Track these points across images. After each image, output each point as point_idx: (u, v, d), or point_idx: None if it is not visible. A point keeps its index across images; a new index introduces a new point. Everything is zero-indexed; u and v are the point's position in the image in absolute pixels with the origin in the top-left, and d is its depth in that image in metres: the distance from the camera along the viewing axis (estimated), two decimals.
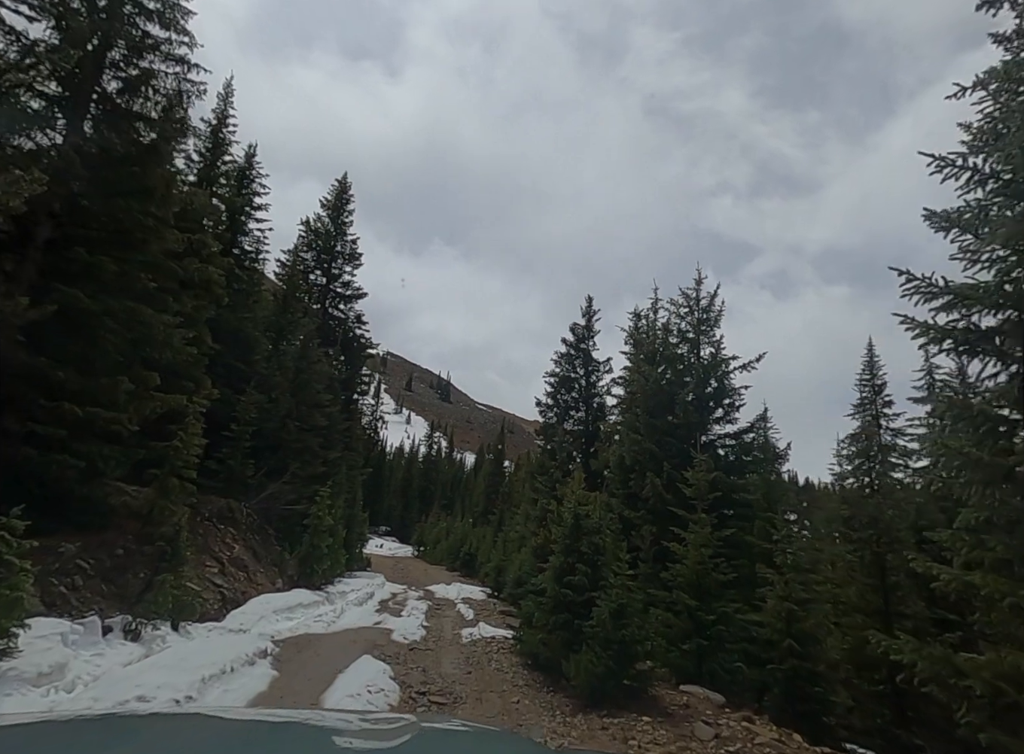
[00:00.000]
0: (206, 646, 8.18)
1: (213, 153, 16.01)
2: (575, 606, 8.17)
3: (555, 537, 8.97)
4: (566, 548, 8.53)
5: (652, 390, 16.68)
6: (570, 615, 8.12)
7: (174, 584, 8.94)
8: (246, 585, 12.82)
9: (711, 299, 16.96)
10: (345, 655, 9.39)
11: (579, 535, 8.50)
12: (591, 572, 8.19)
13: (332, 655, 9.32)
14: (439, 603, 21.09)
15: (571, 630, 8.00)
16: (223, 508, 14.28)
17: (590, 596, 7.99)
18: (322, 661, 8.81)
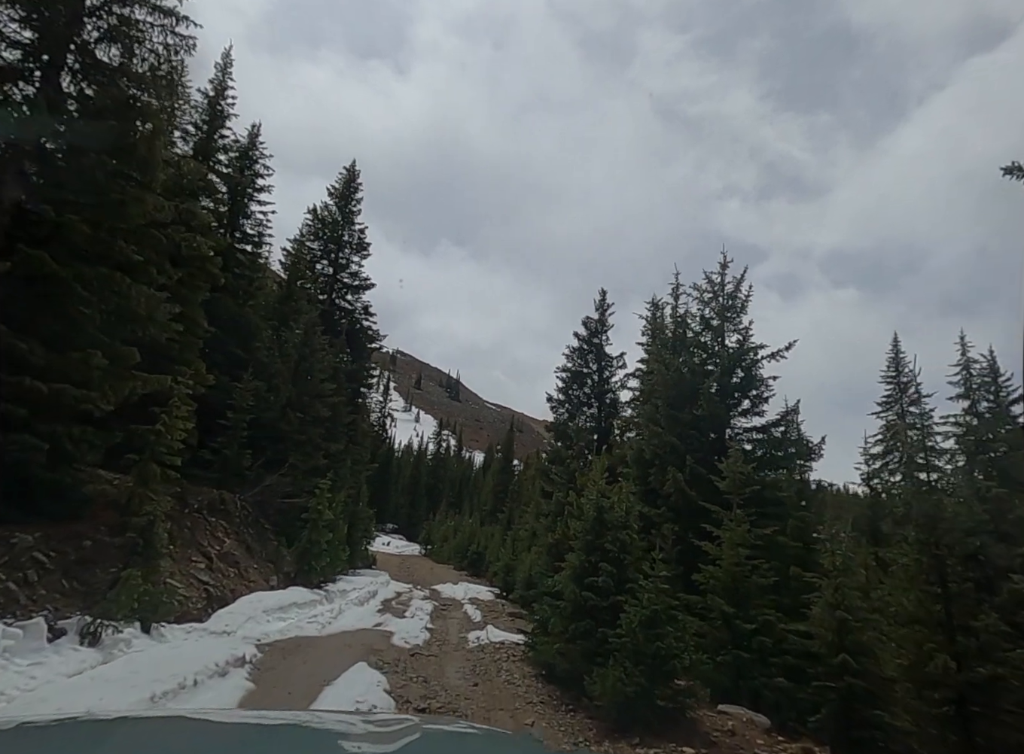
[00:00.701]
0: (176, 652, 7.14)
1: (210, 125, 15.05)
2: (598, 611, 7.07)
3: (574, 533, 7.87)
4: (587, 545, 7.42)
5: (673, 380, 15.52)
6: (592, 622, 7.02)
7: (148, 580, 7.91)
8: (236, 582, 11.80)
9: (737, 284, 15.78)
10: (337, 662, 8.32)
11: (602, 530, 7.40)
12: (616, 572, 7.09)
13: (322, 662, 8.25)
14: (445, 603, 20.03)
15: (594, 639, 6.90)
16: (214, 500, 13.27)
17: (615, 600, 6.89)
18: (309, 670, 7.74)
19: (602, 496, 7.59)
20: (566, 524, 8.13)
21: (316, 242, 29.25)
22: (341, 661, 8.45)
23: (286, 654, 8.61)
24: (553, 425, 31.96)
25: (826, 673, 7.50)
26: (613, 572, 7.08)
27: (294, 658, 8.40)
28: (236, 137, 19.55)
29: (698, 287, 16.34)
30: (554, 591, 8.63)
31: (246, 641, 8.65)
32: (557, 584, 7.81)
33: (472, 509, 53.20)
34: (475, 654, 10.82)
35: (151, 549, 8.06)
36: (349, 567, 22.47)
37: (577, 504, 8.10)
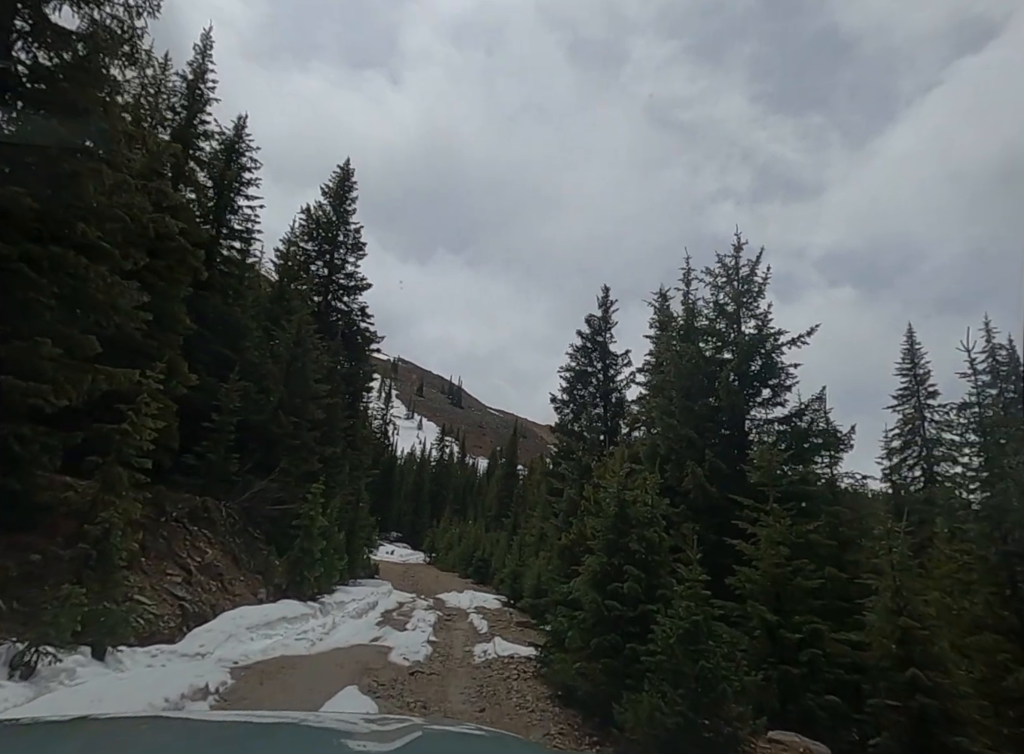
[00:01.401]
0: (126, 683, 6.05)
1: (189, 110, 14.07)
2: (625, 623, 5.96)
3: (591, 531, 6.78)
4: (608, 545, 6.32)
5: (688, 369, 14.43)
6: (619, 636, 5.90)
7: (103, 598, 6.83)
8: (219, 596, 10.71)
9: (752, 267, 14.71)
10: (322, 687, 7.21)
11: (625, 528, 6.31)
12: (644, 577, 6.00)
13: (304, 688, 7.14)
14: (449, 613, 18.90)
15: (622, 657, 5.79)
16: (197, 507, 12.19)
17: (645, 609, 5.81)
18: (287, 698, 6.63)
19: (623, 489, 6.51)
20: (582, 522, 7.06)
21: (310, 242, 28.24)
22: (328, 685, 7.34)
23: (264, 678, 7.50)
24: (558, 426, 30.95)
25: (889, 690, 6.39)
26: (640, 576, 5.98)
27: (272, 684, 7.28)
28: (222, 129, 18.66)
29: (711, 272, 15.27)
30: (569, 599, 7.53)
31: (220, 664, 7.57)
32: (573, 591, 6.71)
33: (476, 515, 52.02)
34: (482, 671, 9.71)
35: (107, 562, 6.99)
36: (349, 577, 21.36)
37: (594, 499, 7.00)
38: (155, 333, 13.06)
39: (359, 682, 7.72)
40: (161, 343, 13.07)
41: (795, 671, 6.48)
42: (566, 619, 6.85)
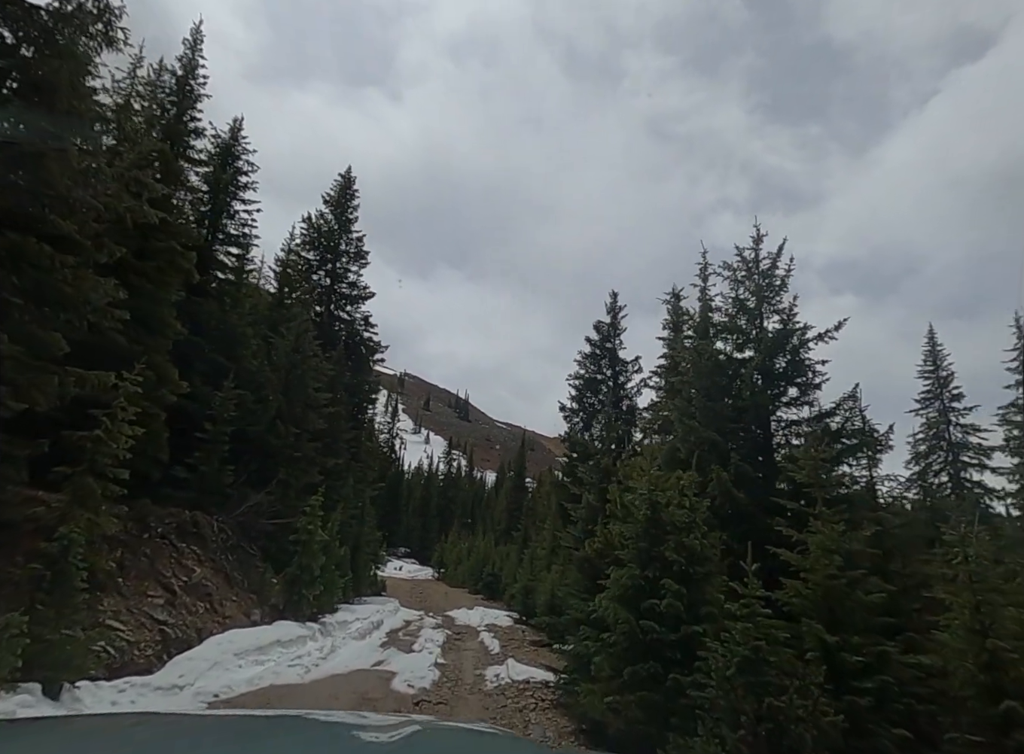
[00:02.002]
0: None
1: (179, 106, 13.38)
2: (664, 648, 5.00)
3: (619, 540, 5.82)
4: (640, 555, 5.35)
5: (707, 368, 13.48)
6: (658, 664, 4.94)
7: (58, 625, 5.92)
8: (207, 619, 9.78)
9: (774, 260, 13.80)
10: None
11: (660, 534, 5.36)
12: (685, 592, 5.05)
13: None
14: (459, 631, 17.86)
15: (663, 689, 4.80)
16: (185, 522, 11.30)
17: (689, 631, 4.85)
18: None
19: (655, 489, 5.58)
20: (606, 530, 6.13)
21: (312, 252, 27.54)
22: None
23: None
24: (568, 435, 29.97)
25: (974, 724, 5.39)
26: (681, 592, 5.02)
27: None
28: (217, 132, 18.03)
29: (729, 266, 14.38)
30: (593, 618, 6.58)
31: (198, 699, 6.65)
32: (598, 608, 5.75)
33: (485, 529, 50.85)
34: (495, 699, 8.72)
35: (65, 584, 6.08)
36: (354, 595, 20.37)
37: (620, 502, 6.07)
38: (142, 338, 12.29)
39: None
40: (148, 348, 12.26)
41: (861, 702, 5.49)
42: (591, 642, 5.89)
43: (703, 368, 13.46)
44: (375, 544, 28.89)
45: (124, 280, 12.17)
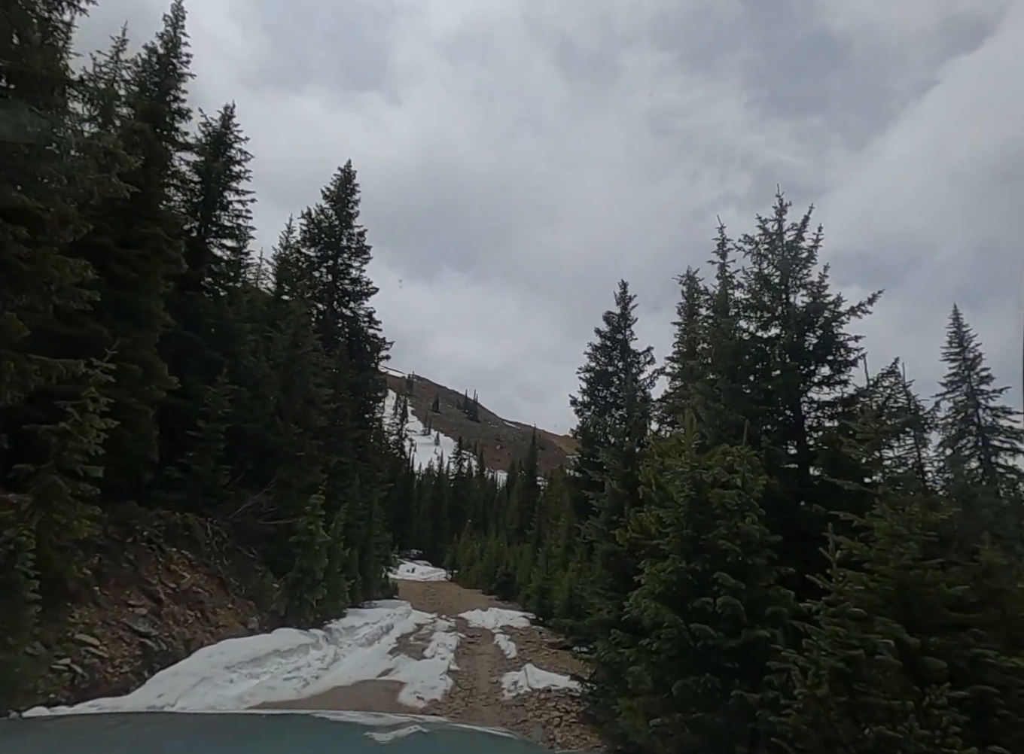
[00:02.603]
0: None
1: (160, 86, 12.58)
2: (721, 657, 4.05)
3: (655, 527, 4.87)
4: (684, 544, 4.41)
5: (731, 348, 12.54)
6: (715, 677, 4.00)
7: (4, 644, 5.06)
8: (197, 629, 8.92)
9: (799, 231, 12.82)
10: None
11: (706, 520, 4.43)
12: (744, 588, 4.12)
13: None
14: (473, 634, 16.97)
15: (724, 710, 3.86)
16: (175, 525, 10.46)
17: (753, 636, 3.91)
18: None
19: (698, 467, 4.64)
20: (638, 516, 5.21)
21: (313, 248, 26.74)
22: None
23: None
24: (580, 429, 29.02)
25: None
26: (739, 588, 4.07)
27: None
28: (208, 120, 17.27)
29: (751, 239, 13.41)
30: (624, 620, 5.67)
31: None
32: (633, 609, 4.80)
33: (498, 529, 49.93)
34: (513, 711, 7.81)
35: (11, 596, 5.23)
36: (363, 599, 19.52)
37: (657, 483, 5.13)
38: (128, 330, 11.48)
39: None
40: (135, 341, 11.45)
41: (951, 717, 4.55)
42: (626, 648, 4.94)
43: (726, 348, 12.49)
44: (385, 546, 28.04)
45: (106, 269, 11.45)
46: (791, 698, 3.32)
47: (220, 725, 1.61)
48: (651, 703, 4.28)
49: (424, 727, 1.84)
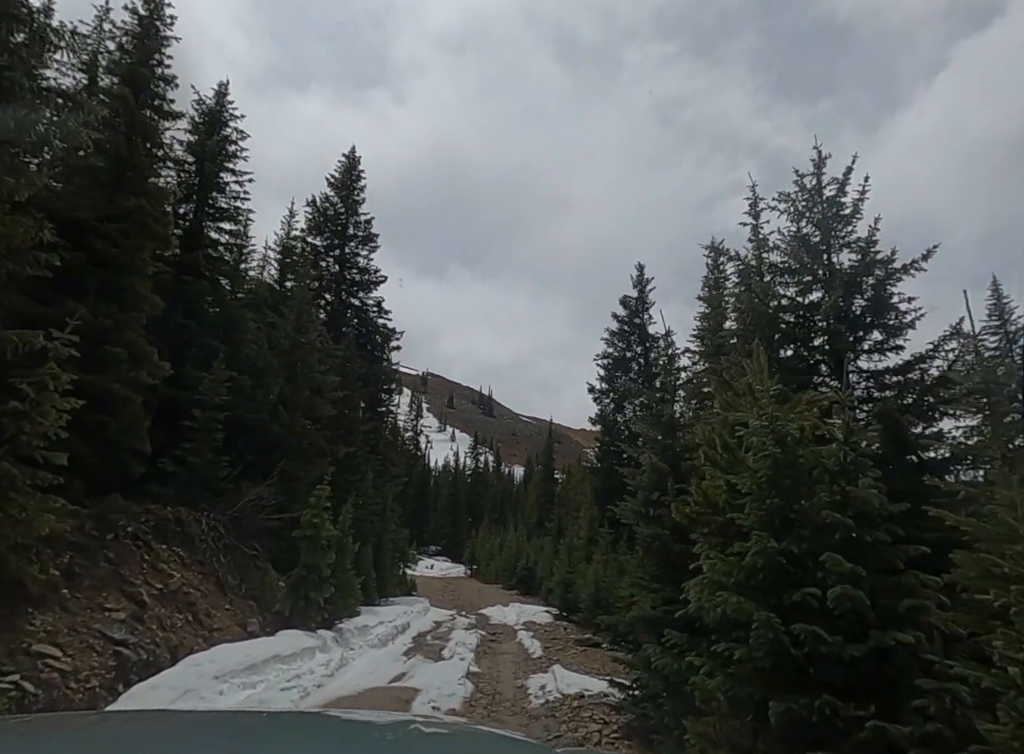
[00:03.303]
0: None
1: (142, 50, 11.60)
2: (836, 668, 2.90)
3: (723, 498, 3.74)
4: (768, 517, 3.25)
5: (769, 316, 11.36)
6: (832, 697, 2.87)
7: None
8: (187, 633, 7.95)
9: (841, 184, 11.57)
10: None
11: (798, 485, 3.30)
12: (865, 575, 2.96)
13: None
14: (494, 631, 15.94)
15: (856, 747, 2.76)
16: (165, 520, 9.50)
17: (886, 641, 2.79)
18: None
19: (779, 419, 3.51)
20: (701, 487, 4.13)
21: (318, 237, 25.77)
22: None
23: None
24: (599, 417, 27.88)
25: None
26: (858, 574, 2.94)
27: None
28: (201, 97, 16.34)
29: (787, 197, 12.18)
30: (678, 617, 4.58)
31: None
32: (701, 602, 3.69)
33: (516, 524, 48.93)
34: (544, 723, 6.74)
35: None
36: (379, 596, 18.57)
37: (722, 443, 3.98)
38: (111, 312, 10.56)
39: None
40: (119, 323, 10.54)
41: None
42: (689, 654, 3.82)
43: (762, 315, 11.32)
44: (402, 541, 27.10)
45: (86, 246, 10.52)
46: (960, 733, 2.21)
47: (221, 724, 1.55)
48: (733, 730, 3.20)
49: (443, 728, 1.87)
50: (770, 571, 3.17)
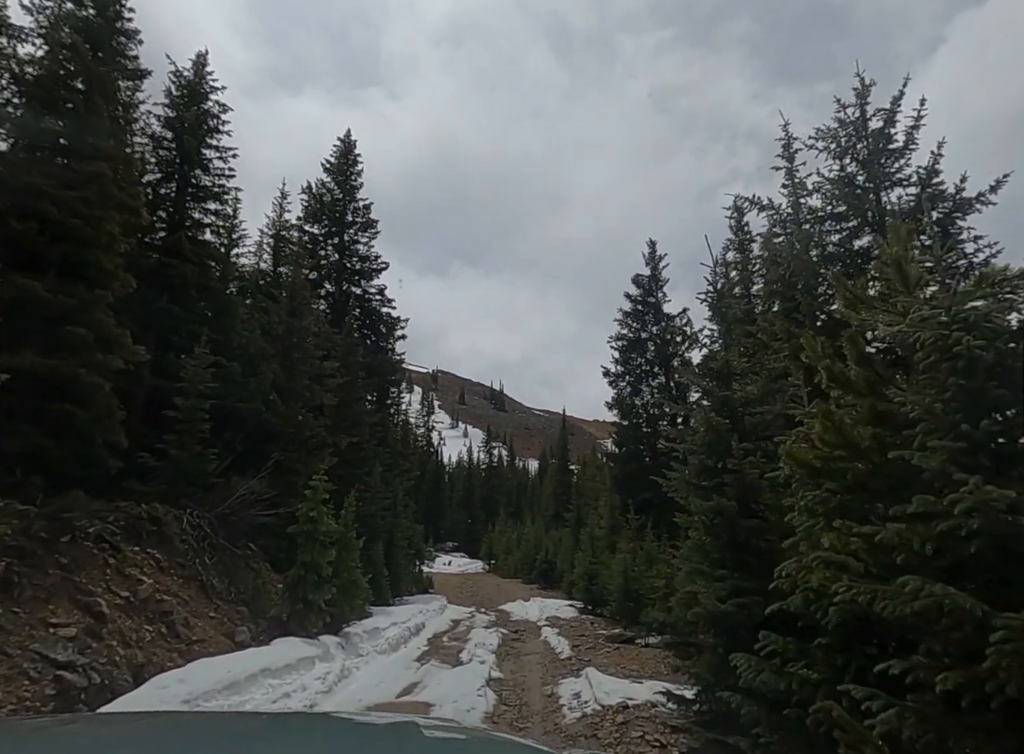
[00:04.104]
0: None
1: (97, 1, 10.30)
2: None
3: (869, 436, 2.48)
4: (973, 449, 2.04)
5: (813, 266, 9.99)
6: None
7: None
8: (158, 648, 6.73)
9: (891, 111, 10.15)
10: None
11: (999, 396, 2.10)
12: None
13: None
14: (516, 629, 14.69)
15: None
16: (138, 518, 8.29)
17: None
18: None
19: (958, 304, 2.27)
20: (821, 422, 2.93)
21: (316, 225, 24.56)
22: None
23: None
24: (616, 401, 26.54)
25: None
26: None
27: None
28: (177, 69, 15.14)
29: (826, 133, 10.76)
30: (769, 615, 3.32)
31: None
32: (813, 593, 2.46)
33: (533, 517, 47.72)
34: (583, 743, 5.46)
35: None
36: (392, 595, 17.39)
37: (857, 353, 2.67)
38: (75, 289, 9.39)
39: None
40: (84, 302, 9.37)
41: None
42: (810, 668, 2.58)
43: (805, 265, 9.95)
44: (417, 538, 25.93)
45: (44, 218, 9.33)
46: None
47: (220, 724, 1.54)
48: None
49: (443, 729, 1.79)
50: (989, 540, 1.88)
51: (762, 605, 3.90)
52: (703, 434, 4.95)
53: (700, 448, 5.02)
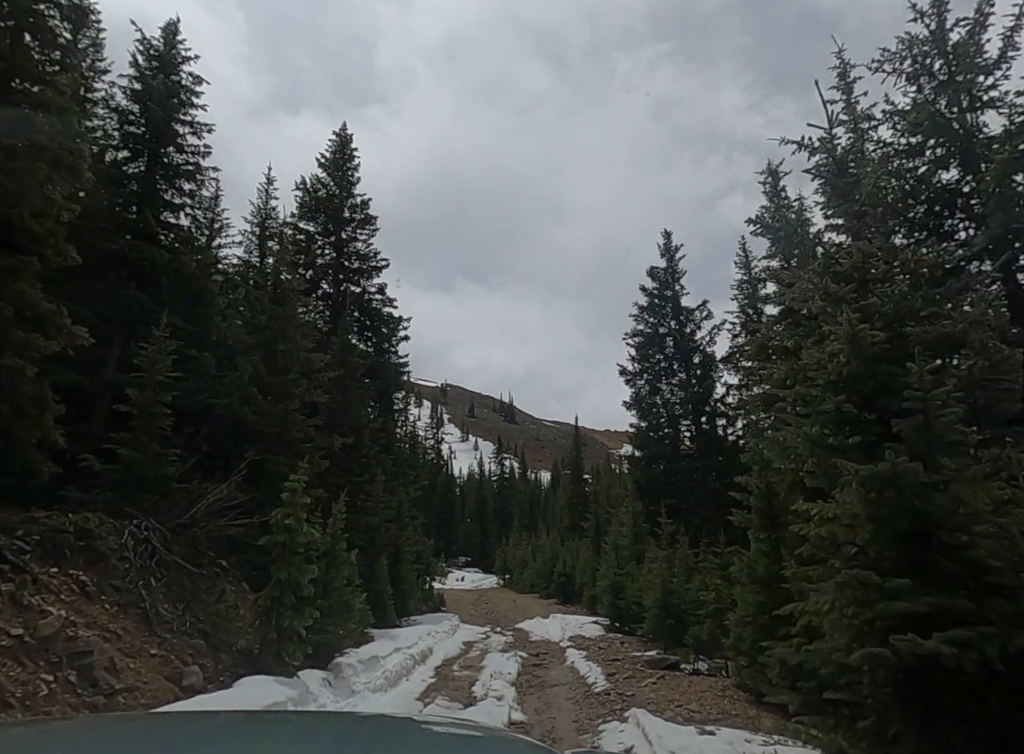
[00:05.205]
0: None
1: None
2: None
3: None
4: None
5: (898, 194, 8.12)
6: None
7: None
8: (59, 703, 4.87)
9: (978, 20, 8.33)
10: None
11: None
12: None
13: None
14: (538, 652, 12.71)
15: None
16: (60, 532, 6.45)
17: None
18: None
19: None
20: None
21: (311, 223, 22.95)
22: None
23: None
24: (633, 400, 24.67)
25: None
26: None
27: None
28: (144, 36, 13.58)
29: (890, 56, 8.96)
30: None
31: None
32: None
33: (548, 528, 45.58)
34: None
35: None
36: (398, 616, 15.48)
37: None
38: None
39: None
40: (5, 269, 7.68)
41: None
42: None
43: (885, 196, 8.08)
44: (426, 552, 23.97)
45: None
46: None
47: (218, 724, 1.49)
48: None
49: (444, 726, 1.72)
50: None
51: (996, 641, 2.06)
52: (840, 364, 3.06)
53: (834, 386, 3.13)
